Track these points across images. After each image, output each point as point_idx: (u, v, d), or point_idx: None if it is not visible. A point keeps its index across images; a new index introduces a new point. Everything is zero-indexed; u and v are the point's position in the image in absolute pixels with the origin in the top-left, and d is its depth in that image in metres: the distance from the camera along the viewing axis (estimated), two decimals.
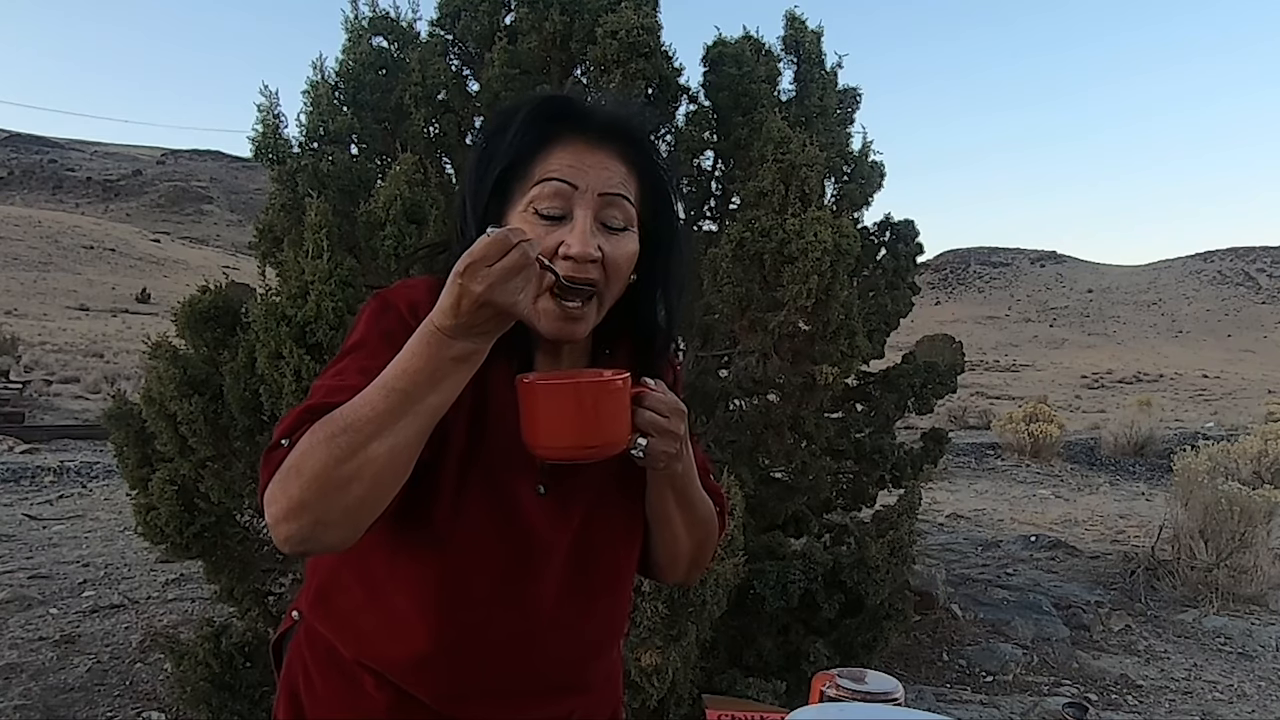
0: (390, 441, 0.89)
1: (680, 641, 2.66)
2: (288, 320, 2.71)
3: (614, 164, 1.03)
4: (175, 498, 3.04)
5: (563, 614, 1.08)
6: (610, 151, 1.04)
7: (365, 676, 1.07)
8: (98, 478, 8.13)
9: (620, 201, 1.03)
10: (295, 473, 0.90)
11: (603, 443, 0.98)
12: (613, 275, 1.03)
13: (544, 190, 1.00)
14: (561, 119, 1.03)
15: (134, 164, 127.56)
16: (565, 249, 0.99)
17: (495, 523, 1.04)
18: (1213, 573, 5.63)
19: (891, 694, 1.21)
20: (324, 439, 0.89)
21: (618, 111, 1.07)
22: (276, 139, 3.30)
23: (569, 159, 1.01)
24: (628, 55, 3.21)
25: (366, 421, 0.89)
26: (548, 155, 1.01)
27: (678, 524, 1.14)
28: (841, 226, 3.18)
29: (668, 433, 1.01)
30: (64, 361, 20.91)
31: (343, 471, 0.88)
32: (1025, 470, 11.20)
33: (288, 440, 0.93)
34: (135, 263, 63.28)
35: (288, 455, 0.92)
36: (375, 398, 0.90)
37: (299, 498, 0.89)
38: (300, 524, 0.90)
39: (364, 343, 1.03)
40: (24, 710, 3.38)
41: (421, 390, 0.90)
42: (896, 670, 4.19)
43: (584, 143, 1.02)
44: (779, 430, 3.59)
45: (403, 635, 1.05)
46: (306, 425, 0.93)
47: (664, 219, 1.09)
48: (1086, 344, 77.81)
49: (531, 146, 1.02)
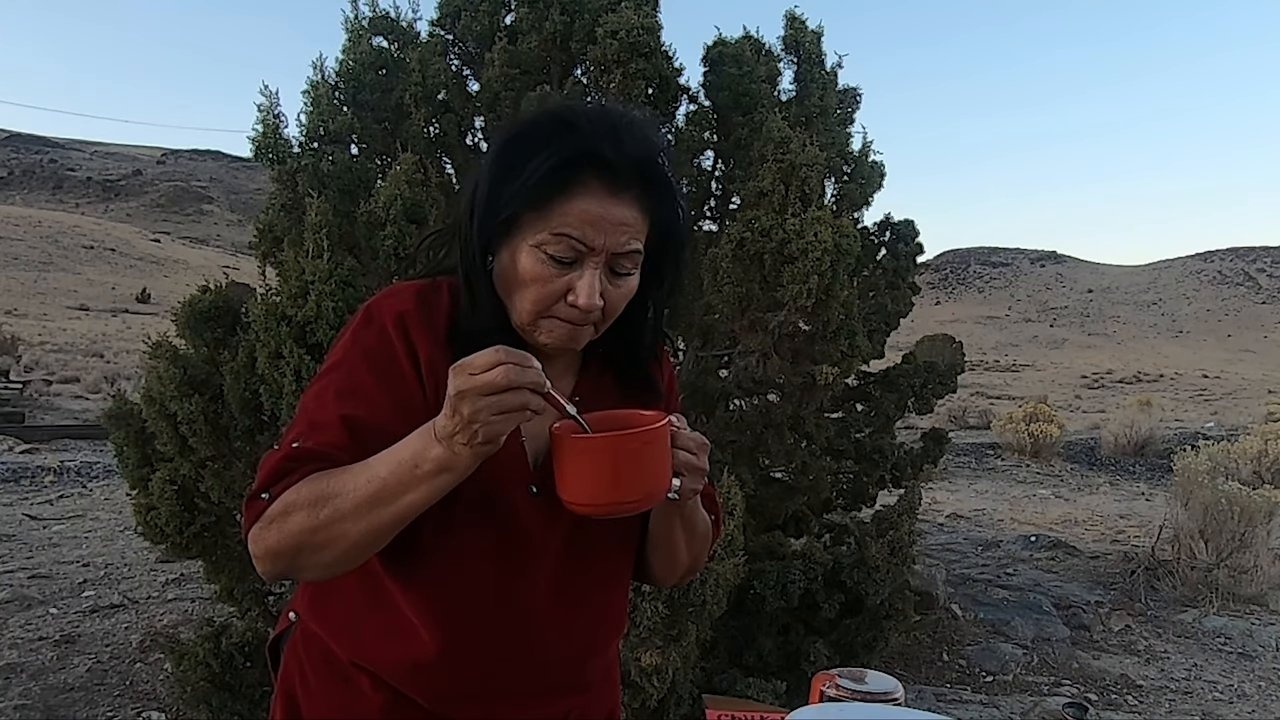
0: (365, 525, 0.93)
1: (680, 641, 2.66)
2: (288, 320, 2.71)
3: (632, 215, 1.01)
4: (175, 498, 3.05)
5: (558, 613, 1.08)
6: (630, 199, 1.01)
7: (361, 677, 1.07)
8: (98, 478, 8.12)
9: (632, 255, 1.03)
10: (275, 528, 0.95)
11: (643, 496, 0.95)
12: (610, 314, 1.04)
13: (559, 243, 0.99)
14: (586, 166, 0.99)
15: (134, 164, 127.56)
16: (573, 299, 0.99)
17: (486, 524, 1.04)
18: (1213, 573, 5.63)
19: (891, 694, 1.21)
20: (305, 504, 0.94)
21: (643, 154, 1.02)
22: (276, 139, 3.30)
23: (589, 214, 0.98)
24: (628, 55, 3.21)
25: (346, 500, 0.92)
26: (568, 203, 0.98)
27: (680, 545, 1.14)
28: (841, 226, 3.18)
29: (698, 469, 1.01)
30: (64, 361, 20.90)
31: (317, 539, 0.94)
32: (1025, 470, 11.20)
33: (268, 494, 0.97)
34: (135, 263, 63.27)
35: (268, 507, 0.96)
36: (360, 481, 0.93)
37: (276, 549, 0.96)
38: (278, 568, 0.98)
39: (343, 362, 1.04)
40: (24, 710, 3.38)
41: (404, 487, 0.92)
42: (896, 670, 4.19)
43: (606, 192, 0.99)
44: (779, 430, 3.59)
45: (398, 637, 1.05)
46: (288, 477, 0.96)
47: (669, 253, 1.08)
48: (1086, 344, 77.80)
49: (552, 190, 0.98)
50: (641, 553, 1.18)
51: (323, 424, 0.99)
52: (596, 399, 1.12)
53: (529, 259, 1.00)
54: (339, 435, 0.98)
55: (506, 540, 1.05)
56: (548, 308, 1.01)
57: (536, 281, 1.00)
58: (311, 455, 0.97)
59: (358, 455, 0.96)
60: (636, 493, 0.94)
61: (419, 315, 1.04)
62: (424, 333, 1.03)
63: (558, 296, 1.00)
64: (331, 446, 0.97)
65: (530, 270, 1.00)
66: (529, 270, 1.00)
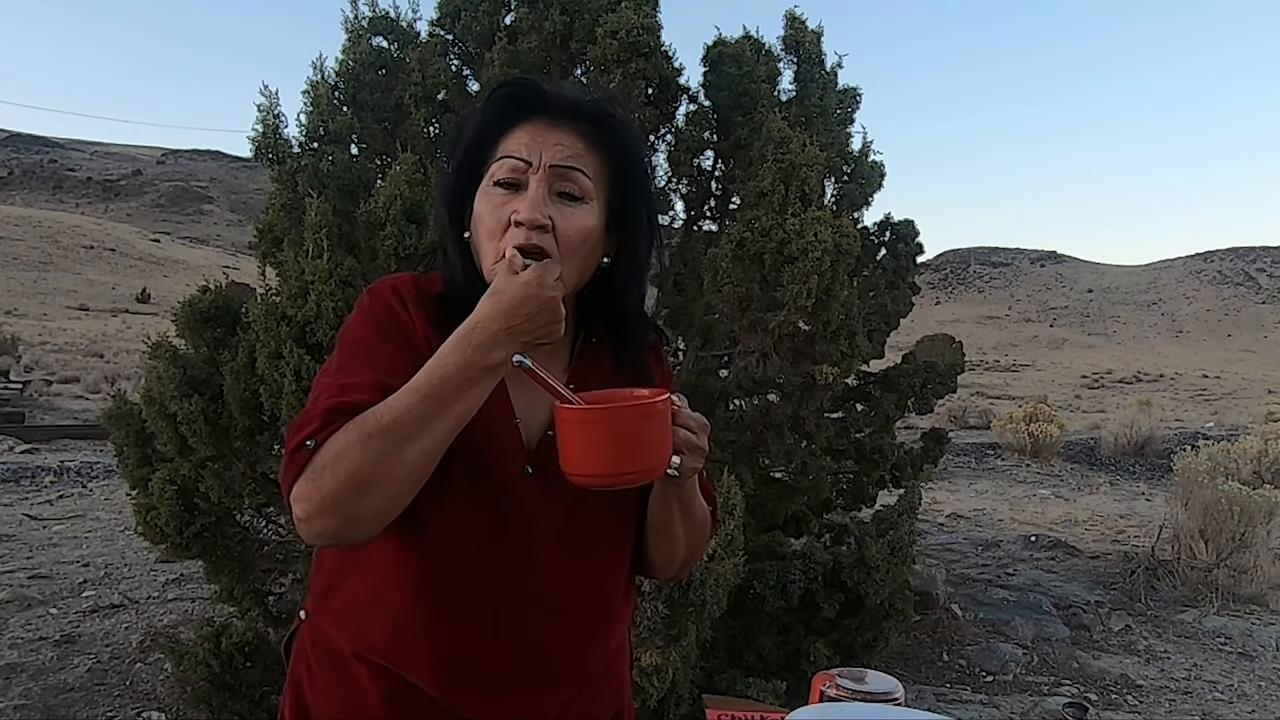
0: (422, 445, 0.94)
1: (680, 641, 2.66)
2: (288, 320, 2.71)
3: (571, 140, 1.06)
4: (175, 498, 3.04)
5: (553, 596, 1.08)
6: (569, 130, 1.06)
7: (361, 668, 1.07)
8: (98, 478, 8.12)
9: (573, 174, 1.05)
10: (330, 472, 0.93)
11: (645, 468, 0.96)
12: (565, 245, 1.04)
13: (501, 165, 1.05)
14: (522, 102, 1.07)
15: (134, 164, 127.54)
16: (515, 215, 1.02)
17: (479, 504, 1.04)
18: (1213, 573, 5.63)
19: (891, 694, 1.21)
20: (358, 439, 0.92)
21: (578, 94, 1.09)
22: (276, 139, 3.30)
23: (526, 137, 1.05)
24: (628, 55, 3.21)
25: (400, 424, 0.92)
26: (508, 136, 1.06)
27: (678, 531, 1.14)
28: (841, 226, 3.18)
29: (698, 449, 1.02)
30: (64, 361, 20.89)
31: (378, 472, 0.92)
32: (1025, 470, 11.20)
33: (313, 441, 0.95)
34: (135, 263, 63.27)
35: (315, 455, 0.94)
36: (408, 401, 0.94)
37: (334, 495, 0.92)
38: (332, 520, 0.94)
39: (359, 337, 1.06)
40: (24, 710, 3.38)
41: (451, 395, 0.94)
42: (896, 670, 4.19)
43: (543, 122, 1.06)
44: (779, 430, 3.59)
45: (393, 620, 1.05)
46: (332, 426, 0.95)
47: (632, 197, 1.10)
48: (1086, 344, 77.79)
49: (493, 129, 1.07)
50: (640, 541, 1.18)
51: (356, 385, 0.99)
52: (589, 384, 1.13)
53: (482, 198, 1.06)
54: (373, 394, 0.97)
55: (502, 522, 1.05)
56: (500, 236, 1.03)
57: (489, 212, 1.04)
58: (353, 408, 0.96)
59: None
60: (637, 465, 0.95)
61: (414, 296, 1.10)
62: (420, 310, 1.08)
63: (505, 221, 1.02)
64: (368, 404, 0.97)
65: (483, 206, 1.05)
66: (482, 206, 1.05)
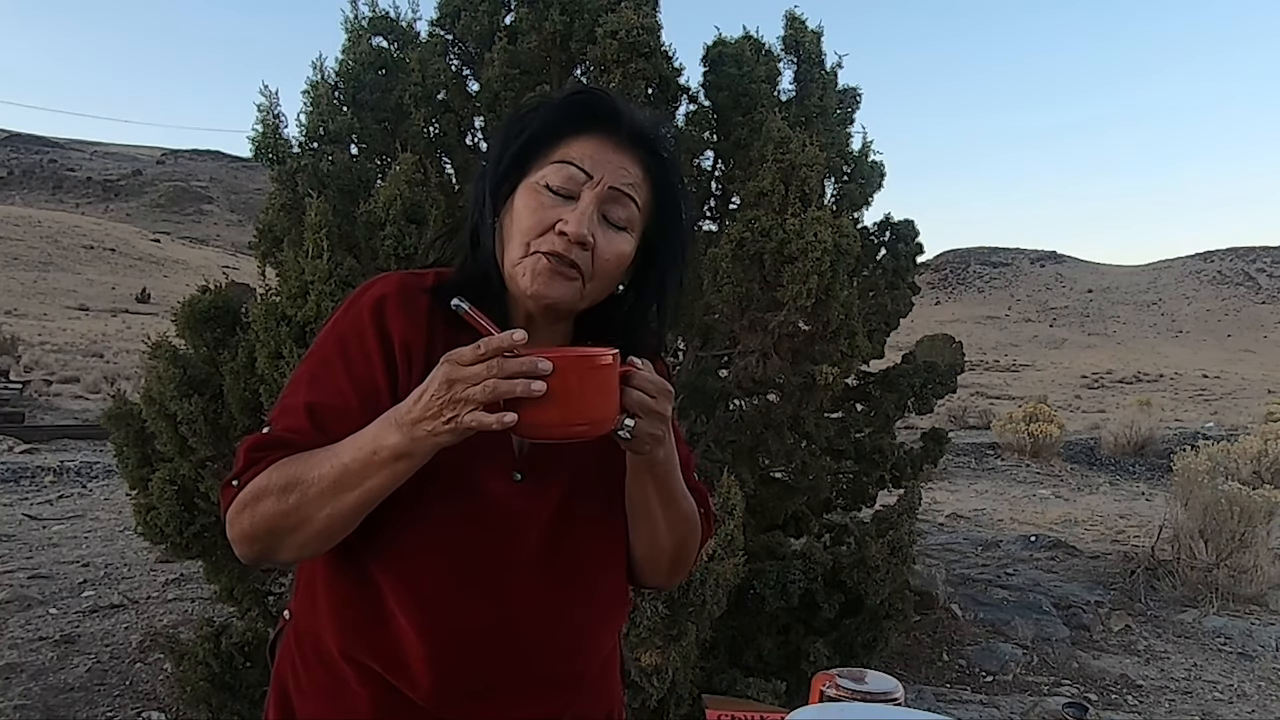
0: (330, 509, 0.97)
1: (680, 641, 2.66)
2: (288, 320, 2.72)
3: (633, 167, 1.05)
4: (175, 498, 3.05)
5: (542, 601, 1.07)
6: (633, 156, 1.05)
7: (349, 671, 1.07)
8: (98, 478, 8.12)
9: (627, 201, 1.04)
10: (249, 512, 1.00)
11: (588, 421, 0.94)
12: (599, 267, 1.04)
13: (559, 170, 1.03)
14: (594, 111, 1.06)
15: (134, 164, 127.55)
16: (561, 225, 1.01)
17: (467, 509, 1.04)
18: (1213, 573, 5.63)
19: (891, 694, 1.21)
20: (274, 490, 0.98)
21: (648, 122, 1.08)
22: (276, 139, 3.30)
23: (591, 149, 1.04)
24: (628, 55, 3.20)
25: (311, 486, 0.96)
26: (572, 141, 1.04)
27: (658, 516, 1.11)
28: (841, 226, 3.18)
29: (655, 413, 0.99)
30: (64, 361, 20.89)
31: (287, 523, 0.98)
32: (1025, 470, 11.20)
33: (237, 481, 1.01)
34: (135, 263, 63.28)
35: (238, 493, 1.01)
36: (325, 468, 0.96)
37: (252, 533, 1.01)
38: (254, 550, 1.03)
39: (320, 350, 1.08)
40: (24, 710, 3.38)
41: (365, 472, 0.95)
42: (896, 670, 4.19)
43: (611, 140, 1.05)
44: (779, 430, 3.59)
45: (382, 624, 1.05)
46: (257, 464, 1.00)
47: (669, 236, 1.10)
48: (1086, 344, 77.80)
49: (560, 128, 1.05)
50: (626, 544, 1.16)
51: (291, 409, 1.04)
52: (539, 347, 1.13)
53: (527, 193, 1.04)
54: (302, 421, 1.02)
55: (488, 526, 1.04)
56: (536, 237, 1.02)
57: (530, 209, 1.03)
58: (277, 442, 1.01)
59: (320, 440, 1.00)
60: (582, 417, 0.93)
61: (398, 298, 1.07)
62: (400, 315, 1.06)
63: (548, 225, 1.01)
64: (295, 432, 1.02)
65: (527, 202, 1.03)
66: (526, 203, 1.03)
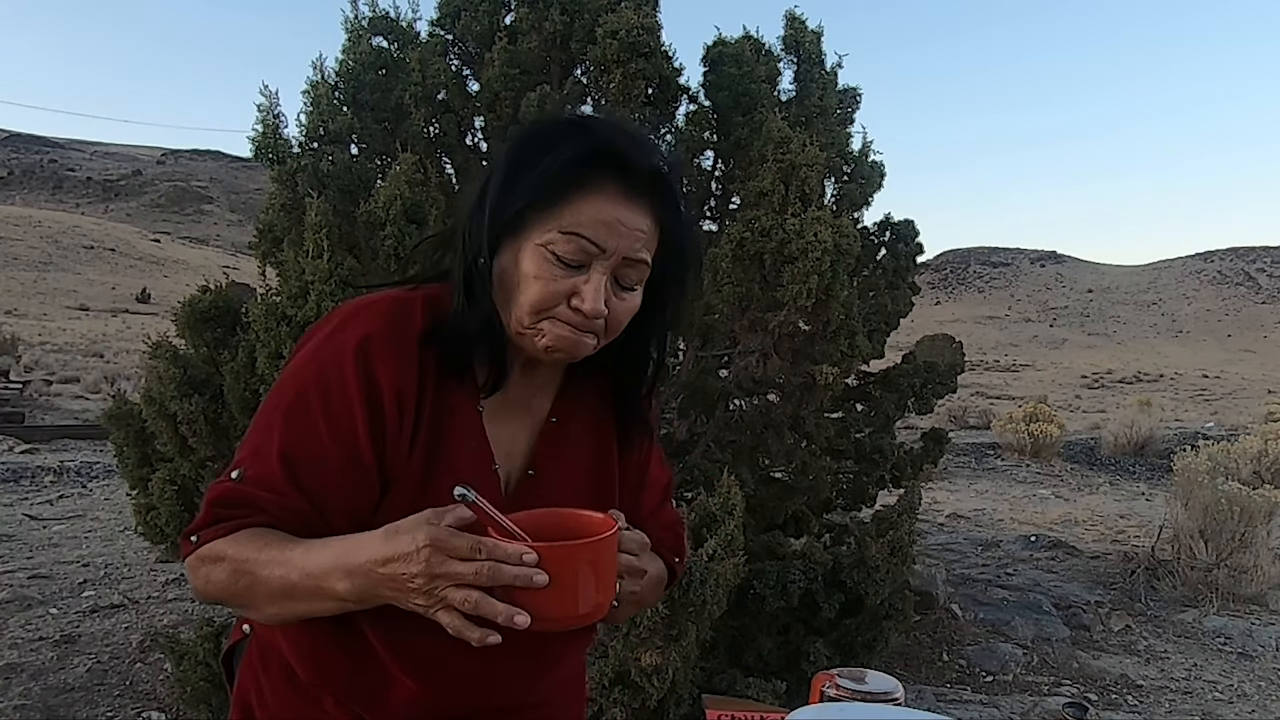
0: (279, 610, 0.95)
1: (680, 641, 2.65)
2: (288, 320, 2.72)
3: (644, 223, 0.99)
4: (175, 498, 3.05)
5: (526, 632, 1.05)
6: (643, 207, 0.99)
7: (325, 695, 1.05)
8: (98, 478, 8.12)
9: (640, 266, 1.00)
10: (204, 572, 0.97)
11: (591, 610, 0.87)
12: (612, 327, 1.01)
13: (569, 242, 0.96)
14: (604, 166, 0.97)
15: (134, 164, 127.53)
16: (578, 303, 0.96)
17: None
18: (1213, 573, 5.63)
19: (891, 694, 1.21)
20: (229, 566, 0.94)
21: (654, 161, 1.00)
22: (276, 139, 3.30)
23: (602, 214, 0.96)
24: (628, 55, 3.20)
25: (261, 585, 0.93)
26: (581, 202, 0.96)
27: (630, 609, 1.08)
28: (841, 226, 3.18)
29: (638, 570, 0.97)
30: (64, 361, 20.88)
31: (239, 601, 0.97)
32: (1025, 470, 11.19)
33: (196, 538, 0.97)
34: (135, 263, 63.27)
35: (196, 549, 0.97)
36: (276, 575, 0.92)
37: (205, 593, 0.99)
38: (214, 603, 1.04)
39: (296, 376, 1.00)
40: (24, 710, 3.38)
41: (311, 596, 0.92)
42: (896, 670, 4.18)
43: (623, 195, 0.97)
44: (779, 430, 3.59)
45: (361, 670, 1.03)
46: (220, 524, 0.96)
47: (673, 275, 1.06)
48: (1086, 344, 77.80)
49: (566, 188, 0.96)
50: None
51: (264, 454, 0.97)
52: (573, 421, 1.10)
53: (534, 258, 0.96)
54: (275, 471, 0.96)
55: None
56: (549, 309, 0.97)
57: (540, 280, 0.96)
58: (246, 501, 0.96)
59: (293, 496, 0.95)
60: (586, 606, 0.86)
61: (385, 338, 0.99)
62: (389, 359, 0.98)
63: (561, 299, 0.96)
64: (267, 488, 0.96)
65: (534, 269, 0.96)
66: (533, 269, 0.96)
